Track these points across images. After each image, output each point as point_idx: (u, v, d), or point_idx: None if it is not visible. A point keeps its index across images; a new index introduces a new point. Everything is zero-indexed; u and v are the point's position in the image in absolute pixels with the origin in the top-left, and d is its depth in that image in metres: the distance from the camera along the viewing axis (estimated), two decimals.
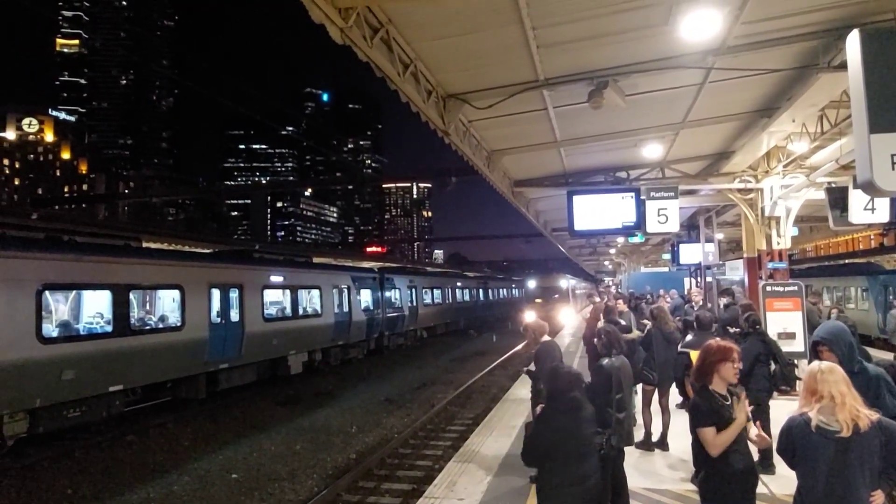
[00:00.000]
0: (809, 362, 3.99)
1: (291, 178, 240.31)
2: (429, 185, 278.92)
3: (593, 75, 7.54)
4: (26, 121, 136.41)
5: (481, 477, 7.42)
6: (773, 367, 7.01)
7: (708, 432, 3.74)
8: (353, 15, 5.53)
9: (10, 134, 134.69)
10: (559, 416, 4.21)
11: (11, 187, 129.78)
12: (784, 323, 10.44)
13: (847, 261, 32.89)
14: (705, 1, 5.95)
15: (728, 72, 7.57)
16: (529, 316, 27.61)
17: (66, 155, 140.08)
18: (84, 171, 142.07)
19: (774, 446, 3.74)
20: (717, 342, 4.13)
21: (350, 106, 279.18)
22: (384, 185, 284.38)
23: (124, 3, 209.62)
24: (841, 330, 4.66)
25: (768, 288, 10.82)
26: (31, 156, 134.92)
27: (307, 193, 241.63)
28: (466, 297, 43.66)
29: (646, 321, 10.50)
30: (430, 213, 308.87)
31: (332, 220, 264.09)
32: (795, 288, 10.74)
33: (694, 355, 5.88)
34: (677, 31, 6.43)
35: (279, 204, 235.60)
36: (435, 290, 35.93)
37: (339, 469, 10.97)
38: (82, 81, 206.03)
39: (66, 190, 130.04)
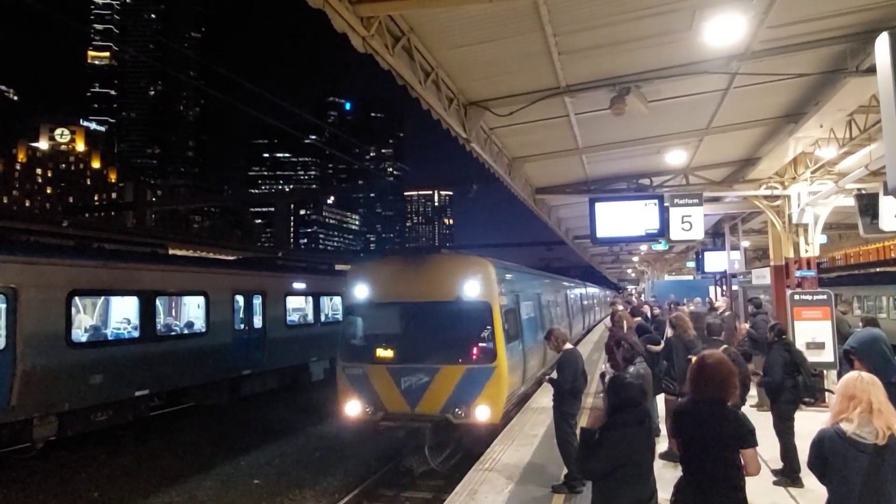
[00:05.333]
0: (839, 372, 3.89)
1: (314, 186, 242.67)
2: (450, 193, 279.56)
3: (615, 82, 7.51)
4: (58, 131, 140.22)
5: (502, 486, 7.36)
6: (799, 378, 6.85)
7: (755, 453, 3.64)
8: (374, 24, 5.60)
9: (43, 144, 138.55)
10: (631, 428, 3.97)
11: (44, 196, 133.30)
12: (813, 332, 10.21)
13: (878, 269, 32.11)
14: (729, 6, 5.89)
15: (753, 77, 7.48)
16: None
17: (96, 164, 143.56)
18: (113, 180, 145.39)
19: (803, 459, 3.64)
20: (723, 358, 3.98)
21: (372, 114, 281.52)
22: (406, 193, 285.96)
23: (153, 16, 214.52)
24: (872, 339, 4.57)
25: (796, 297, 10.60)
26: (63, 165, 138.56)
27: (330, 201, 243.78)
28: None
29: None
30: (451, 221, 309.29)
31: (354, 227, 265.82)
32: (825, 297, 10.50)
33: None
34: (700, 37, 6.38)
35: (302, 212, 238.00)
36: None
37: (361, 476, 10.97)
38: (112, 92, 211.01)
39: (95, 198, 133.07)
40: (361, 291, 10.76)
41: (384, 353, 10.38)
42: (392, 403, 9.91)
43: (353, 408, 10.14)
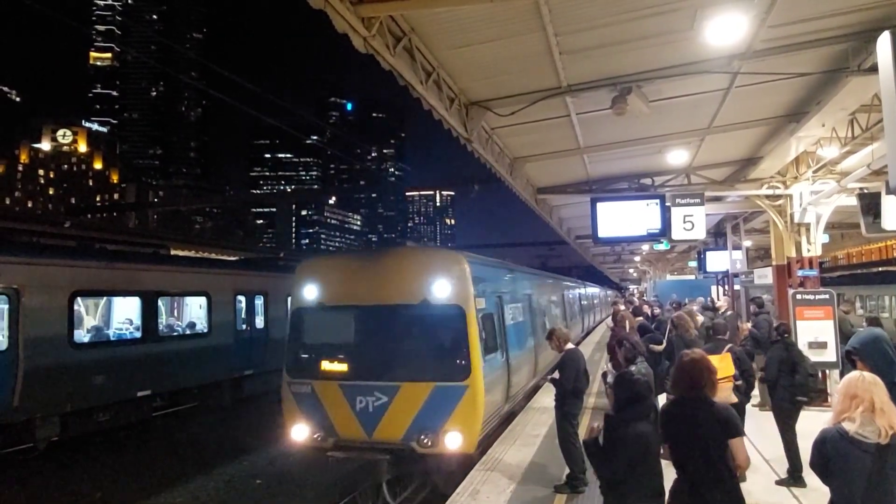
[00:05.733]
0: (842, 372, 3.89)
1: (316, 186, 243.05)
2: (452, 193, 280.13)
3: (617, 81, 7.50)
4: (61, 132, 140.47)
5: (504, 486, 7.36)
6: (796, 377, 6.85)
7: (741, 442, 3.66)
8: (376, 24, 5.60)
9: (46, 145, 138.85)
10: (640, 423, 3.94)
11: (46, 197, 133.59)
12: (815, 332, 10.20)
13: (881, 268, 32.06)
14: (730, 5, 5.88)
15: (755, 76, 7.47)
16: None
17: (98, 165, 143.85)
18: (115, 181, 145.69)
19: (806, 458, 3.63)
20: (700, 356, 4.00)
21: (374, 115, 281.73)
22: (407, 193, 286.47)
23: (155, 17, 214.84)
24: (874, 339, 4.56)
25: (798, 296, 10.59)
26: (65, 166, 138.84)
27: (331, 202, 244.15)
28: None
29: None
30: (453, 221, 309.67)
31: (355, 227, 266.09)
32: (827, 296, 10.49)
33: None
34: (702, 36, 6.38)
35: (304, 212, 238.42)
36: None
37: (362, 476, 10.97)
38: (114, 93, 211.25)
39: (97, 199, 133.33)
40: (310, 292, 8.92)
41: (336, 367, 8.67)
42: (345, 428, 8.25)
43: (299, 432, 8.50)
